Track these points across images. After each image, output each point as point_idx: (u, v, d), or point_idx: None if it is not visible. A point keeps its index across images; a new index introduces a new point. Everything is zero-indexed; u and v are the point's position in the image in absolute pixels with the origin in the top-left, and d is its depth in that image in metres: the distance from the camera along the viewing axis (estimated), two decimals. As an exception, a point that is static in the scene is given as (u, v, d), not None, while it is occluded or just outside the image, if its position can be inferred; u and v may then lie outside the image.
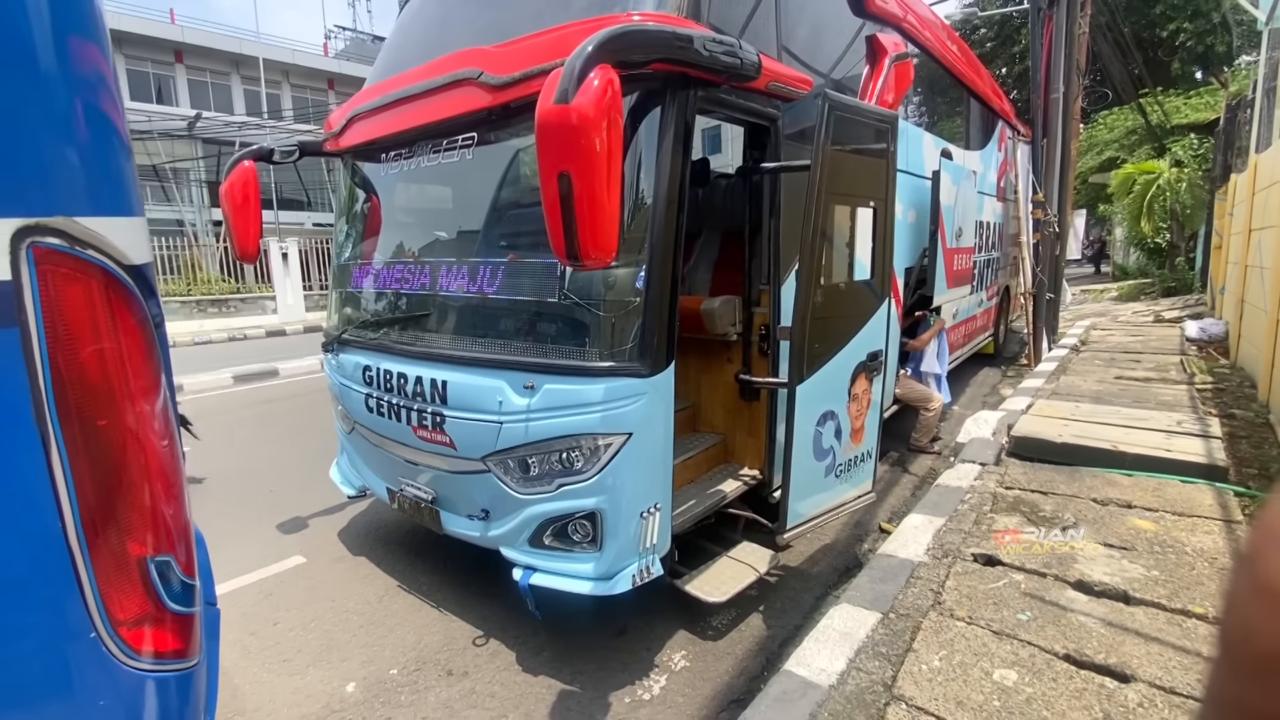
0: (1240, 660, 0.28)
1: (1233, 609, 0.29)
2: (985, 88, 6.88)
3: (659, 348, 2.31)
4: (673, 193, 2.28)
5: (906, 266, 4.72)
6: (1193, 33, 18.62)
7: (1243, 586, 0.28)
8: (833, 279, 2.80)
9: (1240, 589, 0.28)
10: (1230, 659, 0.29)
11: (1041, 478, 3.89)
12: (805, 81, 2.84)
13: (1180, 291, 13.06)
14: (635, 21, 2.14)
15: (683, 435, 3.46)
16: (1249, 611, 0.27)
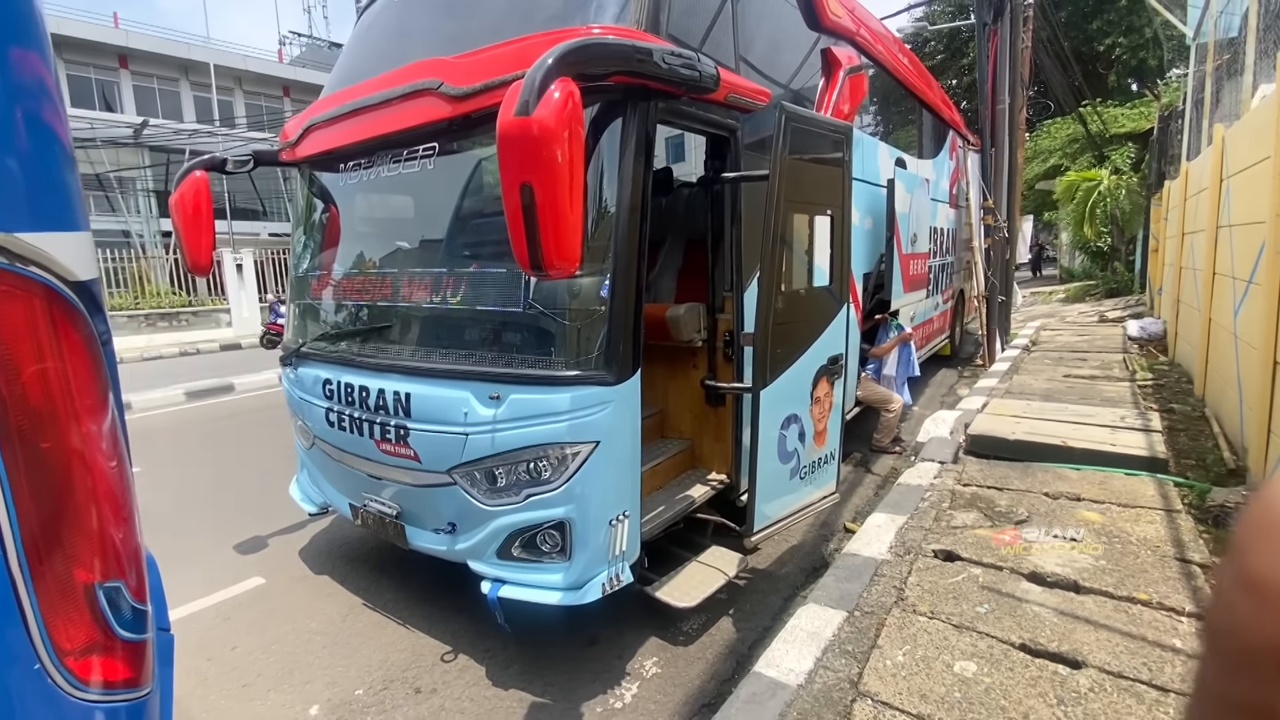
0: (1228, 654, 0.28)
1: (1220, 603, 0.29)
2: (936, 99, 7.13)
3: (624, 355, 2.33)
4: (635, 202, 2.31)
5: (865, 272, 4.85)
6: (1127, 47, 19.62)
7: (1230, 581, 0.28)
8: (793, 285, 2.86)
9: (1227, 583, 0.28)
10: (1218, 653, 0.29)
11: (997, 474, 4.04)
12: (763, 93, 2.91)
13: (1122, 292, 13.70)
14: (595, 34, 2.16)
15: (650, 441, 3.48)
16: (1236, 606, 0.27)
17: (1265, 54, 5.07)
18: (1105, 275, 14.89)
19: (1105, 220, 14.02)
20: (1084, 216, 14.06)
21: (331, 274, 3.18)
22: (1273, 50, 4.90)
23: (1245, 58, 5.20)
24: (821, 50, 4.00)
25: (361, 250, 3.12)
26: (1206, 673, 0.30)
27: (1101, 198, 13.71)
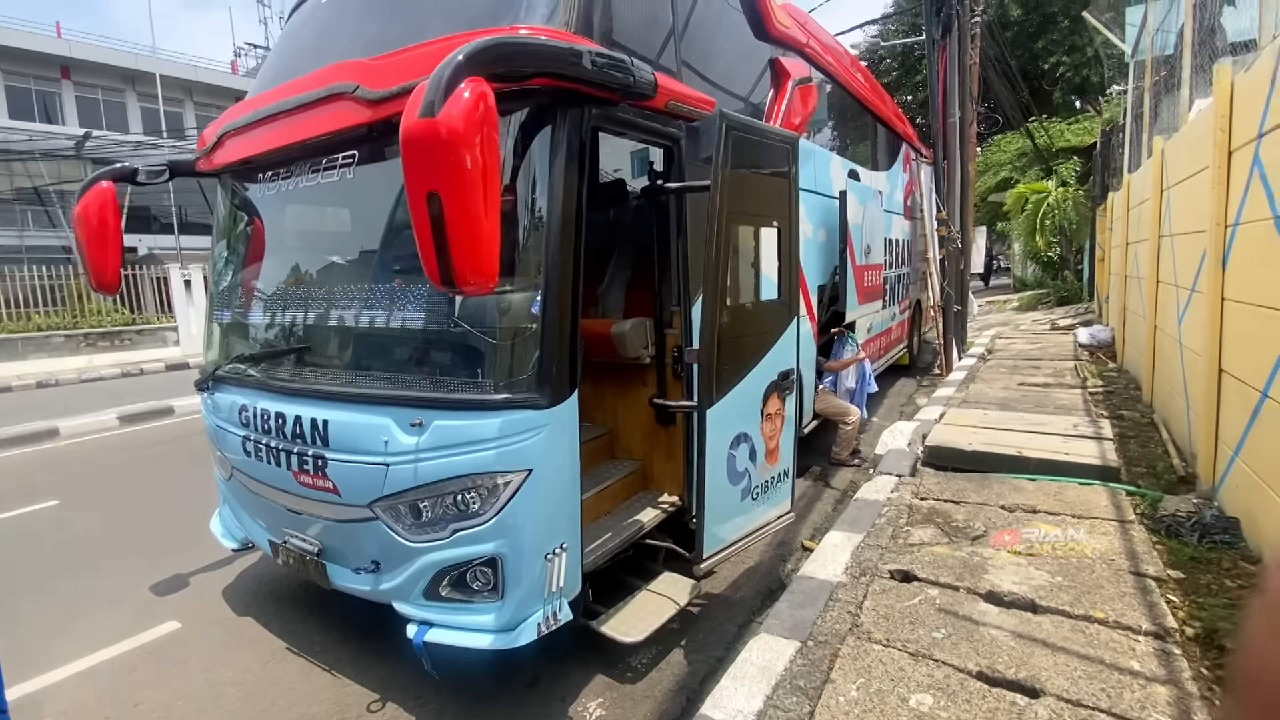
0: (1263, 699, 0.27)
1: (1252, 648, 0.28)
2: (889, 112, 7.21)
3: (559, 376, 2.18)
4: (568, 212, 2.17)
5: (819, 284, 4.80)
6: (1070, 65, 20.45)
7: (1262, 626, 0.27)
8: (740, 299, 2.76)
9: (1259, 628, 0.28)
10: (1252, 698, 0.28)
11: (954, 487, 3.99)
12: (707, 102, 2.81)
13: (1072, 300, 14.11)
14: (519, 34, 2.03)
15: (599, 464, 3.34)
16: (1265, 649, 0.26)
17: (1200, 69, 5.23)
18: (1056, 284, 15.33)
19: (1054, 231, 14.46)
20: (1034, 227, 14.48)
21: (248, 291, 2.96)
22: (1208, 65, 5.05)
23: (1182, 73, 5.36)
24: (770, 61, 3.95)
25: (279, 265, 2.91)
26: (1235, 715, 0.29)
27: (1050, 209, 14.14)
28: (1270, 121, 2.76)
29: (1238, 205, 3.20)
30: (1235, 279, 3.30)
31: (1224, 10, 5.62)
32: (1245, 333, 3.16)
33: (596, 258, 3.76)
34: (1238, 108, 3.22)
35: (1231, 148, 3.28)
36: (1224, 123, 3.29)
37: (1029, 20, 21.39)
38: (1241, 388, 3.14)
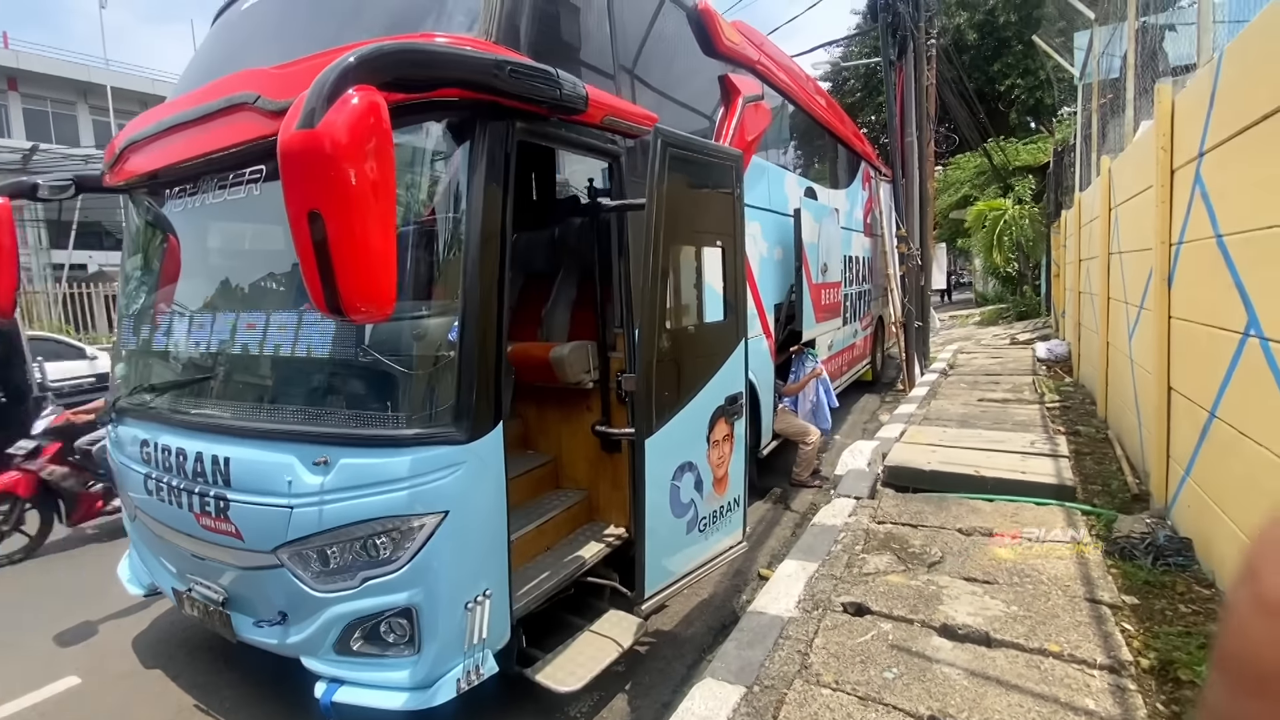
0: (1242, 678, 0.27)
1: (1234, 628, 0.28)
2: (848, 132, 7.26)
3: (480, 408, 2.01)
4: (490, 231, 2.03)
5: (776, 303, 4.73)
6: (1025, 88, 21.17)
7: (1244, 605, 0.27)
8: (681, 322, 2.63)
9: (1242, 607, 0.27)
10: (1232, 677, 0.28)
11: (912, 509, 3.90)
12: (648, 118, 2.71)
13: (1031, 315, 14.40)
14: (423, 41, 1.89)
15: (542, 494, 3.17)
16: (1251, 630, 0.26)
17: (1144, 92, 5.35)
18: (1015, 299, 15.66)
19: (1012, 247, 14.79)
20: (992, 244, 14.79)
21: (152, 316, 2.74)
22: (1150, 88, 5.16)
23: (1126, 94, 5.48)
24: (719, 77, 3.88)
25: (184, 289, 2.69)
26: (1220, 697, 0.28)
27: (1007, 226, 14.48)
28: (1210, 140, 2.76)
29: (1181, 224, 3.21)
30: (1181, 297, 3.30)
31: (1165, 35, 5.79)
32: (1192, 351, 3.15)
33: (542, 278, 3.62)
34: (1178, 127, 3.24)
35: (1174, 167, 3.29)
36: (1165, 142, 3.31)
37: (985, 44, 22.11)
38: (1190, 407, 3.12)
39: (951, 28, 21.70)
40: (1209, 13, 3.16)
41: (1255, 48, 2.37)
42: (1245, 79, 2.44)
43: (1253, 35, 2.40)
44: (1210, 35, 3.17)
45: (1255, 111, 2.28)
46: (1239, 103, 2.47)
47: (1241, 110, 2.41)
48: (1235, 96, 2.53)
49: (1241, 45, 2.48)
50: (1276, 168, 2.17)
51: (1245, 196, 2.46)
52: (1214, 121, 2.74)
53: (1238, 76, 2.52)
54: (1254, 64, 2.36)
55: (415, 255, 2.07)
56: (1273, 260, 2.22)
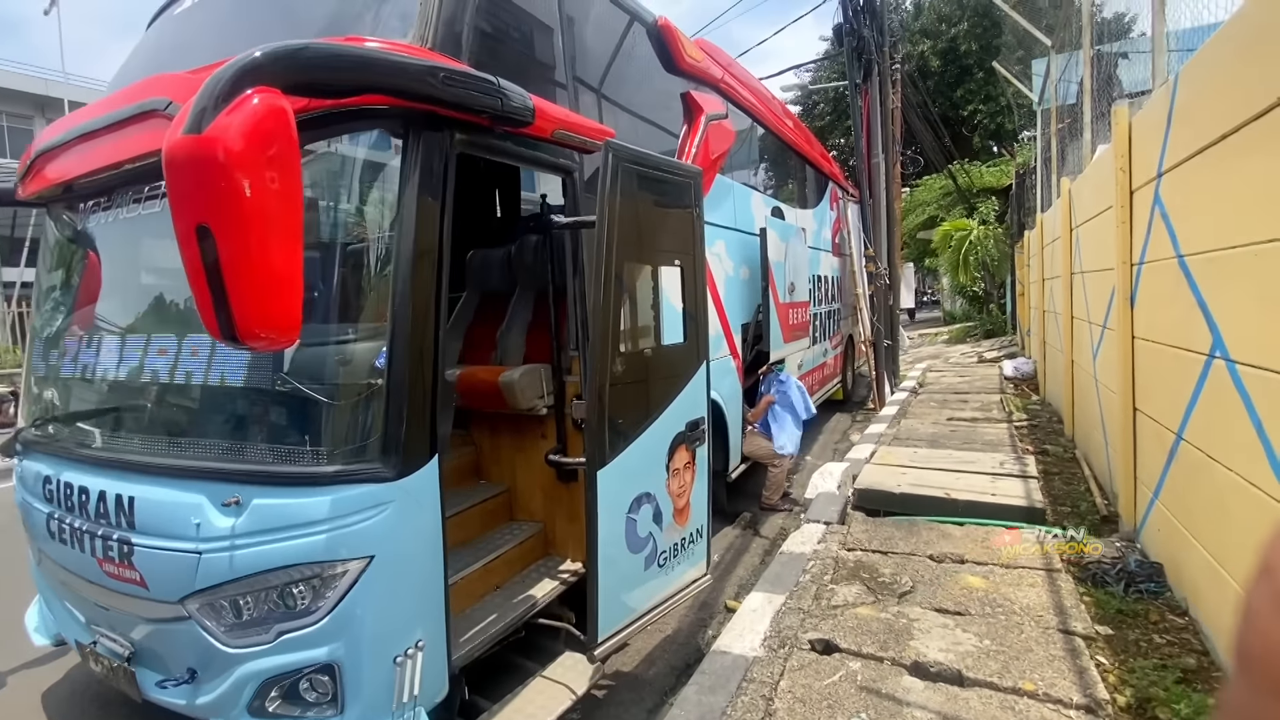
0: (1262, 676, 0.26)
1: (1252, 625, 0.27)
2: (814, 152, 7.29)
3: (411, 441, 1.84)
4: (423, 248, 1.87)
5: (743, 323, 4.64)
6: (986, 113, 21.87)
7: (1263, 603, 0.26)
8: (637, 344, 2.50)
9: (1261, 606, 0.27)
10: (1251, 674, 0.27)
11: (882, 534, 3.80)
12: (603, 132, 2.60)
13: (997, 333, 14.64)
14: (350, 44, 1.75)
15: (495, 527, 2.99)
16: (1269, 627, 0.25)
17: (1100, 115, 5.46)
18: (982, 317, 15.93)
19: (978, 266, 15.08)
20: (959, 263, 15.06)
21: (63, 340, 2.52)
22: (1107, 112, 5.26)
23: (1084, 118, 5.58)
24: (681, 95, 3.81)
25: (96, 310, 2.48)
26: (1238, 695, 0.28)
27: (973, 246, 14.76)
28: (1168, 161, 2.75)
29: (1142, 244, 3.20)
30: (1144, 317, 3.28)
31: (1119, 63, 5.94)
32: (1157, 372, 3.12)
33: (499, 297, 3.47)
34: (1136, 148, 3.25)
35: (1133, 187, 3.30)
36: (1124, 163, 3.32)
37: (948, 71, 22.81)
38: (1156, 428, 3.08)
39: (916, 55, 22.38)
40: (1163, 35, 3.19)
41: (1210, 69, 2.37)
42: (1201, 99, 2.43)
43: (1207, 56, 2.39)
44: (1164, 57, 3.20)
45: (1212, 132, 2.26)
46: (1196, 123, 2.45)
47: (1198, 130, 2.39)
48: (1192, 117, 2.52)
49: (1197, 67, 2.47)
50: (1235, 187, 2.14)
51: (1205, 217, 2.44)
52: (1171, 142, 2.73)
53: (1194, 97, 2.51)
54: (1209, 85, 2.35)
55: (341, 275, 1.91)
56: (1235, 281, 2.18)
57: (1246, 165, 2.03)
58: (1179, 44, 4.46)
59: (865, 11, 8.17)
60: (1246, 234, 2.04)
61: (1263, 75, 1.86)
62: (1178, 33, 3.50)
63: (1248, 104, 1.97)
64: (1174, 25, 3.49)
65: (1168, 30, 3.50)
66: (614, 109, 3.29)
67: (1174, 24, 3.49)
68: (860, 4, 8.14)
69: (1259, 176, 1.95)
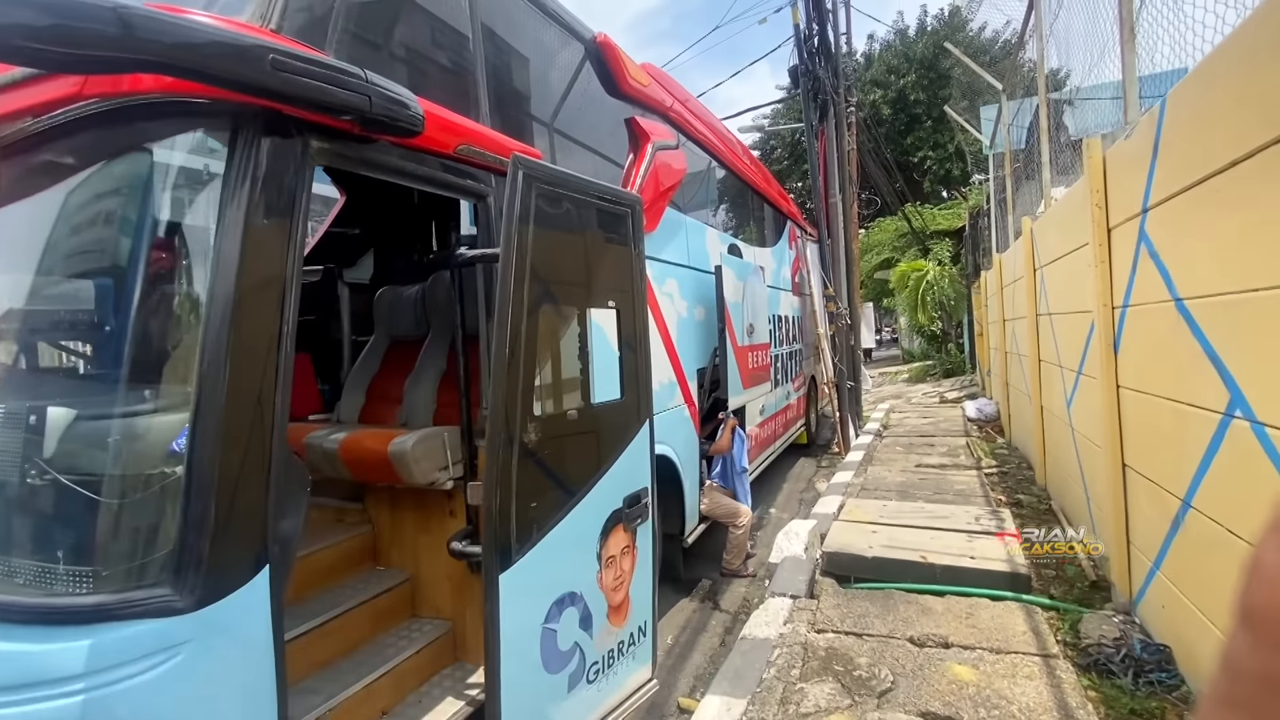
0: (1266, 630, 0.25)
1: (1258, 579, 0.27)
2: (772, 191, 7.10)
3: (221, 553, 1.33)
4: (251, 288, 1.40)
5: (699, 368, 4.24)
6: (936, 159, 22.64)
7: (1271, 558, 0.25)
8: (559, 405, 2.04)
9: (1267, 560, 0.26)
10: (1256, 629, 0.27)
11: (856, 610, 3.35)
12: (526, 152, 2.19)
13: (957, 373, 14.67)
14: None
15: (394, 626, 2.43)
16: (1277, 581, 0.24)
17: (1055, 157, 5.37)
18: (941, 357, 16.00)
19: (935, 306, 15.20)
20: (916, 303, 15.17)
21: None
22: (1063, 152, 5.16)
23: (1041, 158, 5.48)
24: (626, 120, 3.46)
25: None
26: (1241, 649, 0.28)
27: (929, 286, 14.90)
28: (1156, 195, 2.48)
29: (1125, 286, 2.93)
30: (1131, 366, 2.98)
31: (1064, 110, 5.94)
32: (1151, 427, 2.81)
33: (409, 344, 2.98)
34: (1113, 183, 3.01)
35: (1110, 225, 3.05)
36: (1099, 199, 3.07)
37: (898, 119, 23.65)
38: (1154, 490, 2.75)
39: (868, 103, 23.17)
40: (1134, 67, 3.00)
41: (1212, 88, 2.10)
42: (1200, 124, 2.16)
43: (1209, 73, 2.13)
44: (1136, 88, 2.99)
45: (1216, 159, 1.98)
46: (1193, 151, 2.18)
47: (1197, 159, 2.12)
48: (1187, 145, 2.25)
49: (1193, 86, 2.22)
50: (1253, 221, 1.83)
51: (1212, 256, 2.14)
52: (1159, 174, 2.47)
53: (1189, 122, 2.24)
54: (1212, 106, 2.08)
55: (119, 323, 1.40)
56: (1259, 329, 1.86)
57: (1270, 195, 1.73)
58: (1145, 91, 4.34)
59: (820, 53, 8.16)
60: (1273, 275, 1.73)
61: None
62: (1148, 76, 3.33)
63: (1267, 123, 1.68)
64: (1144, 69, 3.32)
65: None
66: (550, 134, 2.92)
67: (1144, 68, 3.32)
68: (815, 46, 8.13)
69: (1290, 207, 1.65)
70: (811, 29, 8.00)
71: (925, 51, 23.05)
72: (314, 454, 2.43)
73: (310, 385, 3.51)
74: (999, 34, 21.28)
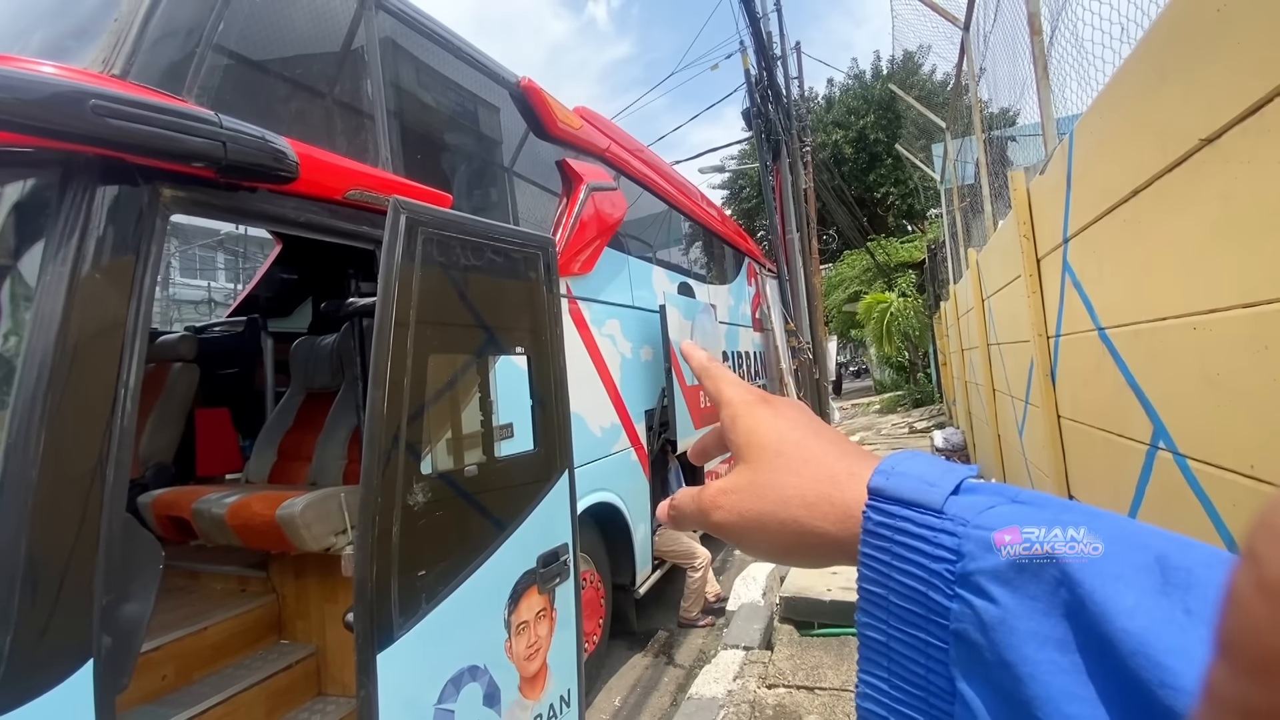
0: (1244, 661, 0.22)
1: (1235, 609, 0.23)
2: (726, 229, 7.15)
3: (30, 649, 1.17)
4: (76, 344, 1.27)
5: (647, 409, 4.13)
6: (897, 194, 23.36)
7: (1246, 585, 0.22)
8: (457, 460, 1.91)
9: (1243, 588, 0.22)
10: (1232, 659, 0.23)
11: (810, 660, 3.20)
12: (433, 196, 2.12)
13: (925, 403, 14.76)
14: None
15: (296, 706, 2.22)
16: (1253, 611, 0.22)
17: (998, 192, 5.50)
18: (910, 387, 16.13)
19: (901, 337, 15.39)
20: (882, 335, 15.35)
21: None
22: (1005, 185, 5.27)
23: (983, 192, 5.60)
24: (557, 163, 3.44)
25: None
26: (1219, 680, 0.24)
27: (894, 318, 15.11)
28: (1073, 225, 2.48)
29: (1055, 315, 2.92)
30: (1068, 395, 2.95)
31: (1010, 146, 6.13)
32: (1089, 457, 2.75)
33: (325, 398, 2.84)
34: (1037, 214, 3.03)
35: (1039, 255, 3.06)
36: (1026, 229, 3.09)
37: (859, 158, 24.44)
38: (1099, 523, 2.68)
39: (830, 144, 23.94)
40: (1049, 101, 3.06)
41: (1109, 119, 2.12)
42: (1102, 154, 2.18)
43: (1106, 104, 2.15)
44: (1054, 123, 3.05)
45: (1119, 188, 1.97)
46: (1098, 182, 2.19)
47: (1103, 188, 2.12)
48: (1093, 175, 2.26)
49: (1094, 118, 2.24)
50: (1158, 249, 1.82)
51: (1122, 284, 2.12)
52: (1074, 204, 2.48)
53: (1093, 154, 2.26)
54: (1109, 136, 2.09)
55: None
56: (1171, 359, 1.82)
57: (1171, 222, 1.71)
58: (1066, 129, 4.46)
59: (770, 96, 8.38)
60: (1180, 303, 1.70)
61: (1176, 116, 1.56)
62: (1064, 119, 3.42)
63: (1162, 151, 1.67)
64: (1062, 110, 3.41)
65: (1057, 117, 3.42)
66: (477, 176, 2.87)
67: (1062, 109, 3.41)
68: (766, 90, 8.35)
69: (1189, 234, 1.62)
70: (761, 75, 8.23)
71: (883, 93, 23.99)
72: (202, 521, 2.26)
73: (230, 442, 3.33)
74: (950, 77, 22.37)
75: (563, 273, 3.02)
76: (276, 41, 1.92)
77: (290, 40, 1.95)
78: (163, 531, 2.53)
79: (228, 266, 18.97)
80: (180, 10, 1.59)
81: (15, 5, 1.81)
